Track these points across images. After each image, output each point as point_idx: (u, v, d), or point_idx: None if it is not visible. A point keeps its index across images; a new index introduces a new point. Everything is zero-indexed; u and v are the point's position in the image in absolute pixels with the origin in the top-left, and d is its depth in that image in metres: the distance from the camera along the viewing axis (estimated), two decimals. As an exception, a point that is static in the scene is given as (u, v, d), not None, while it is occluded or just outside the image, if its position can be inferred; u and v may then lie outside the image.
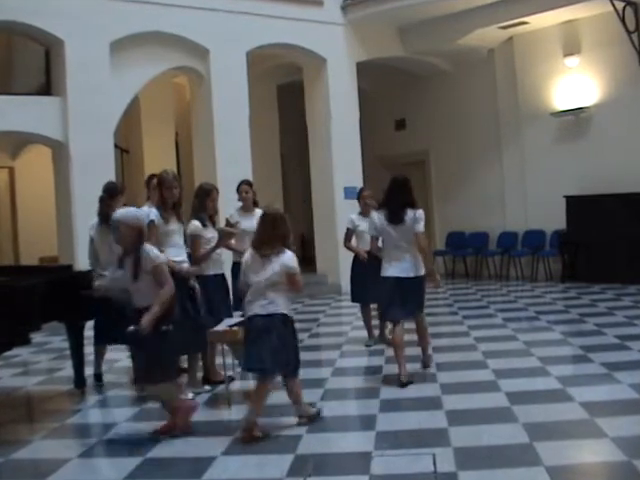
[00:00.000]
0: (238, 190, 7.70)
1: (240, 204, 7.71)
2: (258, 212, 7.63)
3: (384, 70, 14.64)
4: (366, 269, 7.62)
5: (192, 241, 6.44)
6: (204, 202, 6.55)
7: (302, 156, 14.33)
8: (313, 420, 5.34)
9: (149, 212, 6.10)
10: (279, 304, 5.09)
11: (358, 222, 8.10)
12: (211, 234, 6.53)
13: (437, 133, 14.73)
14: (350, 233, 8.19)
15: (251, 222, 7.51)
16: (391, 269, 6.37)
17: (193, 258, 6.43)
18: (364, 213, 8.08)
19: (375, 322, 8.17)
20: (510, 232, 13.57)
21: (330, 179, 12.77)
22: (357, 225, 8.09)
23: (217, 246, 6.50)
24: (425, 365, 6.76)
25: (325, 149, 12.97)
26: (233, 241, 7.34)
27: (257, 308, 5.09)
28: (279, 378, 5.40)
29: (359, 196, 8.36)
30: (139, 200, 8.67)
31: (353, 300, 8.35)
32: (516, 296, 11.44)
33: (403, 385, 6.11)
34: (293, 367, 5.26)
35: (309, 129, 13.31)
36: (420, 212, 6.36)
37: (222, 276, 6.70)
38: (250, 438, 5.01)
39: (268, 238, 5.11)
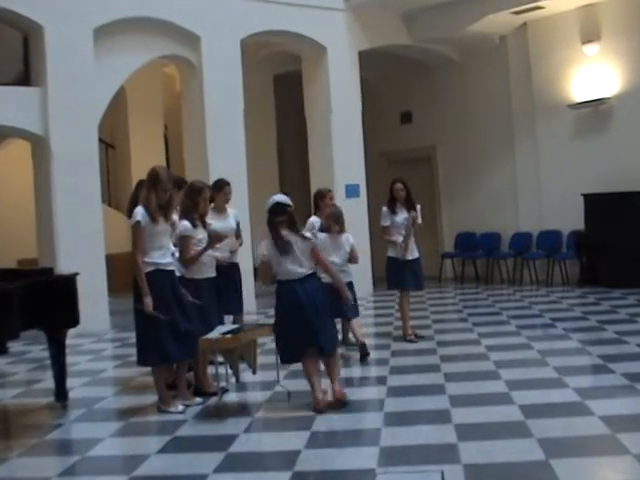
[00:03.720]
0: (222, 190, 7.70)
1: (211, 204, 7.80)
2: (231, 212, 7.72)
3: (388, 59, 14.64)
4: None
5: (182, 242, 6.45)
6: (196, 201, 6.57)
7: (300, 151, 14.32)
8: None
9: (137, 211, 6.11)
10: None
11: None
12: (202, 235, 6.55)
13: (445, 127, 14.72)
14: None
15: (225, 223, 7.53)
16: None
17: (183, 260, 6.44)
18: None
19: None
20: (524, 233, 13.56)
21: (330, 176, 12.75)
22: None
23: (207, 248, 6.52)
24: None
25: (325, 144, 12.96)
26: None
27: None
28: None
29: (322, 198, 8.43)
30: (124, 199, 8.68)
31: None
32: (530, 302, 11.43)
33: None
34: None
35: (308, 122, 13.31)
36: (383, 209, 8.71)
37: (214, 280, 6.71)
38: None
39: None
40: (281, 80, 14.80)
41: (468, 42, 13.75)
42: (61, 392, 6.57)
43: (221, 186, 7.72)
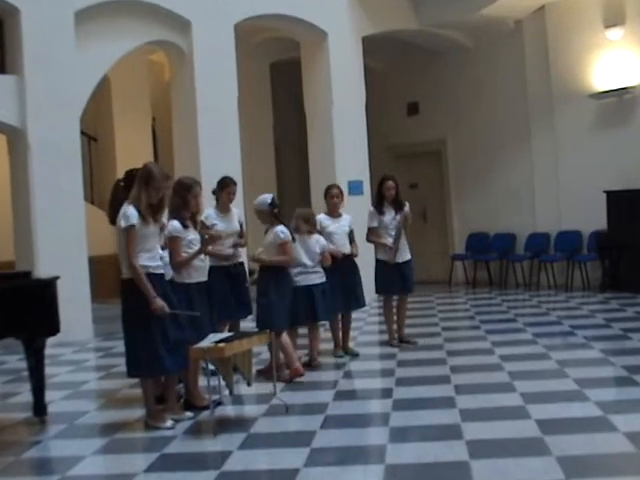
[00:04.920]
0: (225, 189, 7.83)
1: (213, 203, 7.94)
2: (235, 212, 7.84)
3: (395, 46, 14.65)
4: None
5: (172, 244, 6.45)
6: (186, 199, 6.57)
7: (299, 145, 14.33)
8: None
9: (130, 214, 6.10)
10: None
11: (327, 223, 8.42)
12: (193, 235, 6.55)
13: (456, 119, 14.73)
14: None
15: (230, 224, 7.66)
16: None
17: (173, 263, 6.43)
18: (331, 213, 8.56)
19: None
20: (541, 233, 13.58)
21: (332, 172, 12.74)
22: (325, 226, 8.37)
23: (200, 251, 6.52)
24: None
25: (326, 137, 12.96)
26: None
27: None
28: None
29: (325, 194, 8.73)
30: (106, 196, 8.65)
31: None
32: (548, 308, 11.43)
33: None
34: None
35: (307, 114, 13.31)
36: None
37: (206, 284, 6.71)
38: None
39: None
40: (278, 68, 14.80)
41: (481, 27, 13.76)
42: (39, 406, 6.55)
43: (225, 184, 7.84)
